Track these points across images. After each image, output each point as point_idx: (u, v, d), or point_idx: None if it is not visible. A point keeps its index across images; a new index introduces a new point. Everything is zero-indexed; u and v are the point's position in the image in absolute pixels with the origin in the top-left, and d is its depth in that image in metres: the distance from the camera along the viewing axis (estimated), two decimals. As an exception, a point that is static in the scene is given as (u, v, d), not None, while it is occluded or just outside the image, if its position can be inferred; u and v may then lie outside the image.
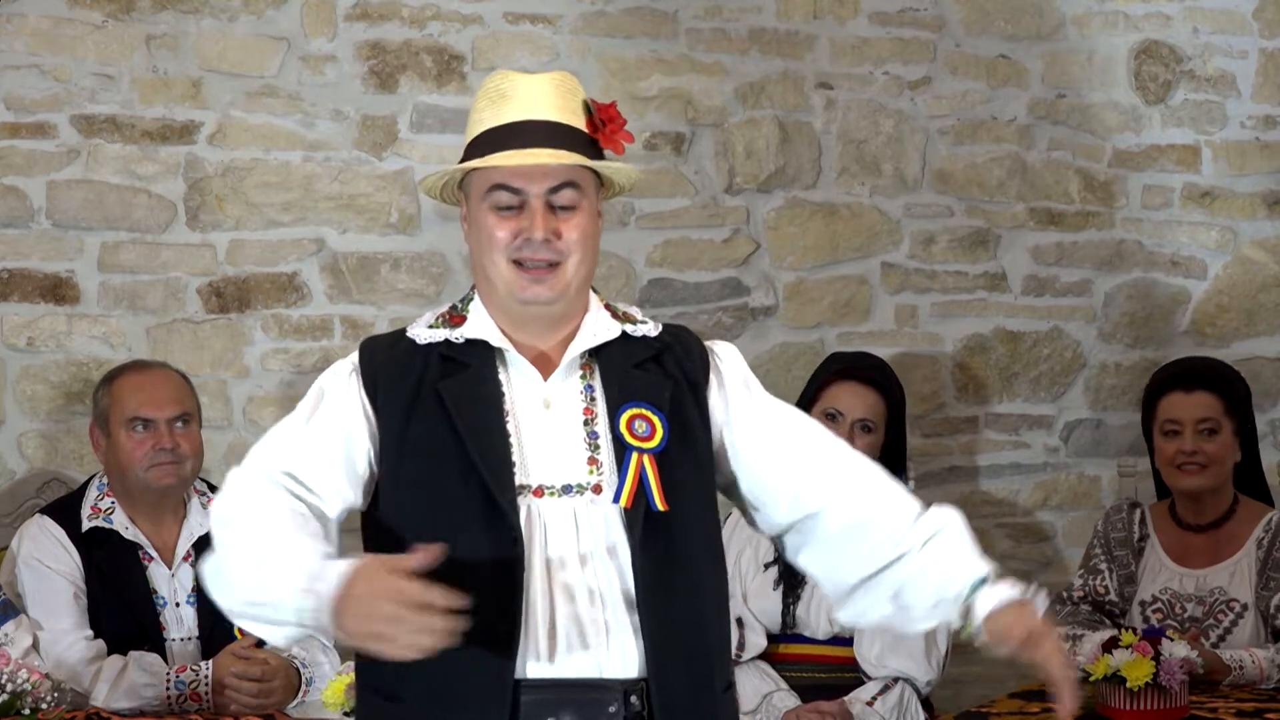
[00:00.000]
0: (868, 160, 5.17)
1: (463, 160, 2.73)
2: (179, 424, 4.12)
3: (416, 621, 2.35)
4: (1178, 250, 5.26)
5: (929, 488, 5.08)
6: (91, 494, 4.13)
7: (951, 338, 5.21)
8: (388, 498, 2.68)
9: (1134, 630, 3.79)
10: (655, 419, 2.66)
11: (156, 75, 4.89)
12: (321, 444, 2.67)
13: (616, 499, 2.62)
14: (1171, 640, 3.73)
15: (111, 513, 4.08)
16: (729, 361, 2.80)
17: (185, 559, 4.09)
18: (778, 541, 2.86)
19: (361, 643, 2.42)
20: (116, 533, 4.06)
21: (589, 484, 2.65)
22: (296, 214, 4.94)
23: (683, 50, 5.09)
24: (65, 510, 4.11)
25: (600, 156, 2.73)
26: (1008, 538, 5.24)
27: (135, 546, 4.06)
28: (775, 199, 5.14)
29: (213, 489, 4.23)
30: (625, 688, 2.60)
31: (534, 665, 2.59)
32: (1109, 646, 3.72)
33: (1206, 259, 5.27)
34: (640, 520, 2.62)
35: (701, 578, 2.69)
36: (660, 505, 2.62)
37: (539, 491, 2.63)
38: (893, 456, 4.38)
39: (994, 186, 5.21)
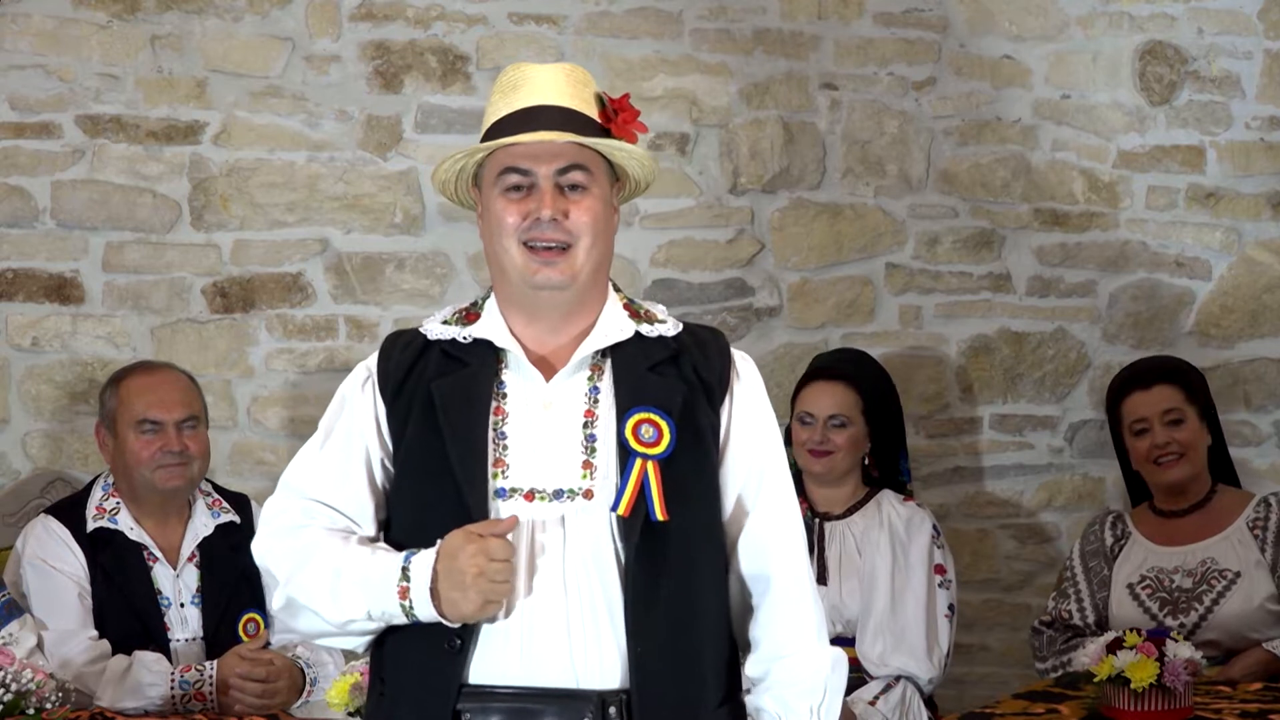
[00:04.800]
0: (872, 161, 5.16)
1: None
2: (187, 426, 4.12)
3: (495, 572, 2.48)
4: (1182, 251, 5.25)
5: (933, 488, 5.08)
6: (96, 494, 4.13)
7: (956, 338, 5.20)
8: (390, 492, 2.70)
9: (1138, 632, 3.79)
10: (663, 424, 2.60)
11: (161, 75, 4.89)
12: (346, 467, 2.68)
13: (615, 506, 2.57)
14: (1176, 641, 3.74)
15: (116, 513, 4.08)
16: (749, 383, 2.74)
17: (190, 560, 4.09)
18: None
19: (475, 613, 2.51)
20: (121, 533, 4.06)
21: (580, 489, 2.60)
22: (301, 214, 4.94)
23: (687, 51, 5.08)
24: (70, 510, 4.11)
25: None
26: (1012, 538, 5.24)
27: (140, 547, 4.06)
28: (780, 199, 5.13)
29: (217, 489, 4.24)
30: (604, 698, 2.55)
31: (505, 671, 2.55)
32: (1114, 647, 3.72)
33: (1211, 260, 5.26)
34: (638, 529, 2.56)
35: (700, 590, 2.63)
36: (660, 515, 2.56)
37: (530, 495, 2.60)
38: (887, 446, 4.46)
39: (998, 187, 5.20)
